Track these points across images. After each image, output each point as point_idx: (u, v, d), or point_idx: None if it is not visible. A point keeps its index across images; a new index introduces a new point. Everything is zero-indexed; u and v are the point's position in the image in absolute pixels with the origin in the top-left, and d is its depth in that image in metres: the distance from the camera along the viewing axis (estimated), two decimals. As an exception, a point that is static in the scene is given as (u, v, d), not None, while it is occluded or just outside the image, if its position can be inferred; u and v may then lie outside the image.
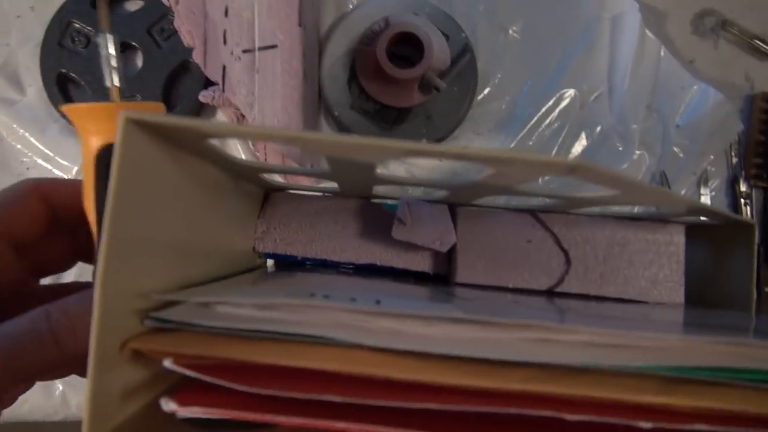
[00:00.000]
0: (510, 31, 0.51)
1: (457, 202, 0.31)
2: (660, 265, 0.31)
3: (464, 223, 0.31)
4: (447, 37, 0.49)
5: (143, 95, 0.48)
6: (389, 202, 0.33)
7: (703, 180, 0.50)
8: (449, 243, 0.31)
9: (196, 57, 0.32)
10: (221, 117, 0.50)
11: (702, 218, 0.31)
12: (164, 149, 0.17)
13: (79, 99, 0.49)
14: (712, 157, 0.50)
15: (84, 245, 0.27)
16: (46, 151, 0.49)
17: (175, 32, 0.48)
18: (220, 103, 0.44)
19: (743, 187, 0.49)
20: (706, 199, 0.50)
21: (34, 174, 0.49)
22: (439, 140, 0.49)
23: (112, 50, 0.23)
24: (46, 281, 0.27)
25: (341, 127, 0.49)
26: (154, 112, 0.19)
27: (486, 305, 0.20)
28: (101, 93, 0.48)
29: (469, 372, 0.16)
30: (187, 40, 0.32)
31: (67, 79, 0.49)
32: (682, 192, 0.50)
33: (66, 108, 0.21)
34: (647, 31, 0.50)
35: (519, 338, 0.17)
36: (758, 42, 0.50)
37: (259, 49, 0.31)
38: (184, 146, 0.18)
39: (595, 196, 0.24)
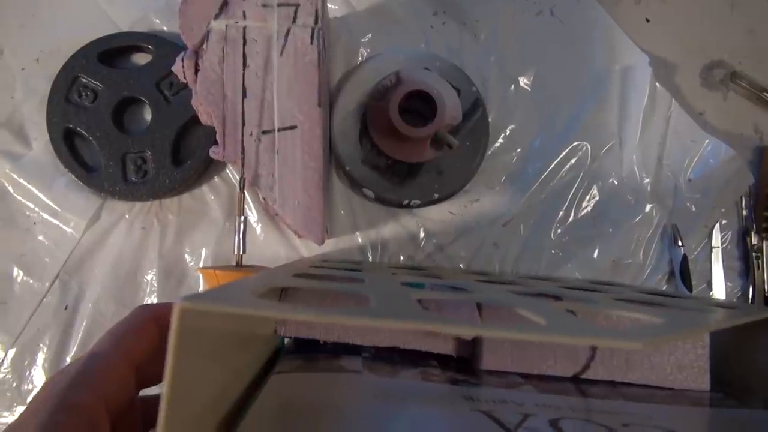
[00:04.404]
0: (521, 83, 0.51)
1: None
2: (685, 351, 0.31)
3: (488, 310, 0.31)
4: (458, 91, 0.48)
5: (152, 151, 0.47)
6: (410, 281, 0.32)
7: (714, 233, 0.50)
8: (475, 332, 0.30)
9: (217, 137, 0.32)
10: (229, 171, 0.49)
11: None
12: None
13: (86, 153, 0.48)
14: (723, 210, 0.50)
15: None
16: (53, 205, 0.48)
17: (184, 87, 0.48)
18: (231, 159, 0.44)
19: (754, 240, 0.50)
20: (717, 252, 0.50)
21: (41, 229, 0.49)
22: (451, 194, 0.49)
23: (242, 229, 0.30)
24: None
25: (353, 182, 0.49)
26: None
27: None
28: (108, 148, 0.47)
29: None
30: (204, 119, 0.32)
31: (73, 133, 0.48)
32: (692, 246, 0.50)
33: (201, 270, 0.25)
34: (657, 84, 0.50)
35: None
36: (767, 95, 0.50)
37: (279, 130, 0.31)
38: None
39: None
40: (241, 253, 0.29)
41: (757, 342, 0.31)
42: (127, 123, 0.49)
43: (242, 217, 0.29)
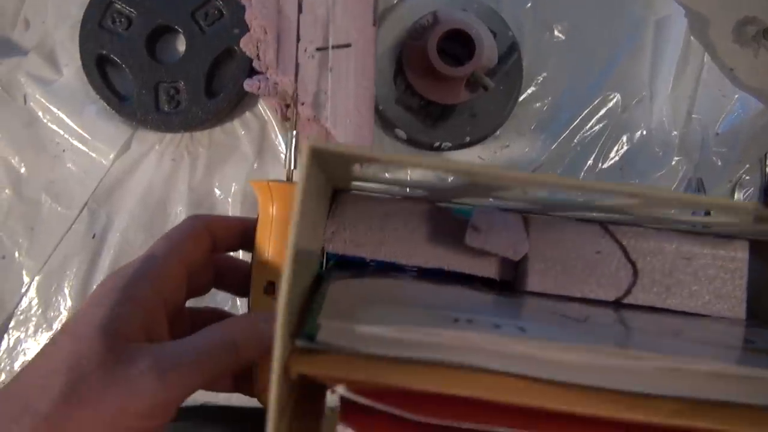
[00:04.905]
0: (555, 31, 0.51)
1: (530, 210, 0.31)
2: (723, 281, 0.31)
3: (536, 232, 0.31)
4: (494, 34, 0.48)
5: (186, 81, 0.47)
6: (457, 206, 0.33)
7: (737, 188, 0.50)
8: (522, 252, 0.31)
9: (267, 53, 0.32)
10: (261, 106, 0.49)
11: (756, 233, 0.31)
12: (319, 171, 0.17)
13: (118, 81, 0.48)
14: (747, 165, 0.50)
15: (223, 275, 0.32)
16: (83, 133, 0.48)
17: (219, 17, 0.47)
18: (265, 92, 0.44)
19: (776, 197, 0.50)
20: (739, 207, 0.50)
21: (70, 156, 0.49)
22: (482, 139, 0.49)
23: (294, 144, 0.30)
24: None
25: (385, 122, 0.49)
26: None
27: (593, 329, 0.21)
28: (141, 76, 0.47)
29: (620, 403, 0.16)
30: (258, 34, 0.32)
31: (106, 60, 0.48)
32: (717, 199, 0.51)
33: (253, 182, 0.28)
34: (691, 37, 0.50)
35: (654, 367, 0.17)
36: (798, 53, 0.51)
37: (333, 47, 0.31)
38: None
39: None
40: (292, 168, 0.29)
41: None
42: (160, 52, 0.49)
43: (294, 132, 0.29)
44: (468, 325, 0.16)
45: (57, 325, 0.48)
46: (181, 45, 0.48)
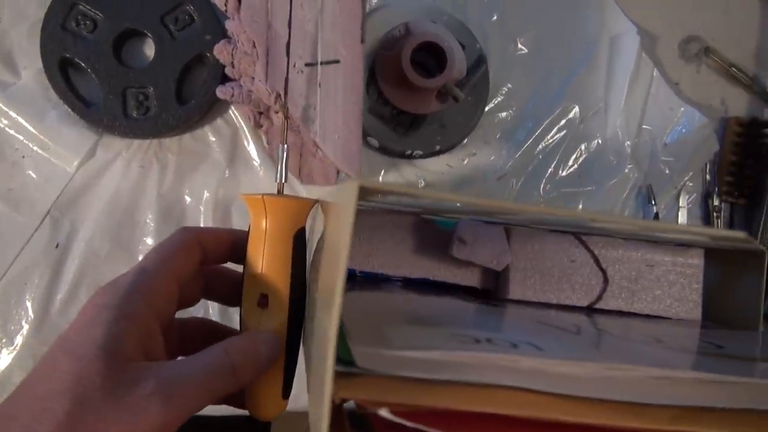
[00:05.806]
0: (519, 43, 0.53)
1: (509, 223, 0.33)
2: (682, 285, 0.35)
3: (517, 243, 0.33)
4: (463, 46, 0.50)
5: (155, 87, 0.46)
6: (440, 219, 0.34)
7: (682, 193, 0.55)
8: (506, 262, 0.33)
9: (251, 65, 0.32)
10: (233, 113, 0.49)
11: (718, 244, 0.35)
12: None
13: (82, 86, 0.46)
14: (691, 173, 0.55)
15: (212, 285, 0.32)
16: (45, 139, 0.46)
17: (190, 23, 0.47)
18: (239, 99, 0.44)
19: (715, 202, 0.55)
20: (683, 212, 0.55)
21: (30, 163, 0.47)
22: (451, 147, 0.51)
23: (285, 158, 0.30)
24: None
25: (358, 130, 0.49)
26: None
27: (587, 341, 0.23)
28: (108, 81, 0.45)
29: (624, 412, 0.18)
30: (246, 48, 0.32)
31: (69, 64, 0.46)
32: (662, 206, 0.55)
33: (244, 196, 0.28)
34: (642, 54, 0.53)
35: (649, 377, 0.19)
36: (735, 69, 0.55)
37: (322, 63, 0.31)
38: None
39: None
40: (282, 181, 0.30)
41: (738, 282, 0.35)
42: (127, 56, 0.48)
43: (285, 146, 0.29)
44: (489, 346, 0.18)
45: (18, 339, 0.46)
46: (150, 50, 0.47)
